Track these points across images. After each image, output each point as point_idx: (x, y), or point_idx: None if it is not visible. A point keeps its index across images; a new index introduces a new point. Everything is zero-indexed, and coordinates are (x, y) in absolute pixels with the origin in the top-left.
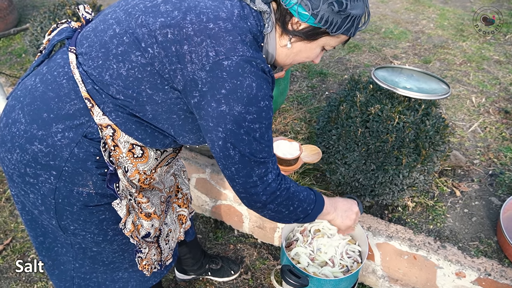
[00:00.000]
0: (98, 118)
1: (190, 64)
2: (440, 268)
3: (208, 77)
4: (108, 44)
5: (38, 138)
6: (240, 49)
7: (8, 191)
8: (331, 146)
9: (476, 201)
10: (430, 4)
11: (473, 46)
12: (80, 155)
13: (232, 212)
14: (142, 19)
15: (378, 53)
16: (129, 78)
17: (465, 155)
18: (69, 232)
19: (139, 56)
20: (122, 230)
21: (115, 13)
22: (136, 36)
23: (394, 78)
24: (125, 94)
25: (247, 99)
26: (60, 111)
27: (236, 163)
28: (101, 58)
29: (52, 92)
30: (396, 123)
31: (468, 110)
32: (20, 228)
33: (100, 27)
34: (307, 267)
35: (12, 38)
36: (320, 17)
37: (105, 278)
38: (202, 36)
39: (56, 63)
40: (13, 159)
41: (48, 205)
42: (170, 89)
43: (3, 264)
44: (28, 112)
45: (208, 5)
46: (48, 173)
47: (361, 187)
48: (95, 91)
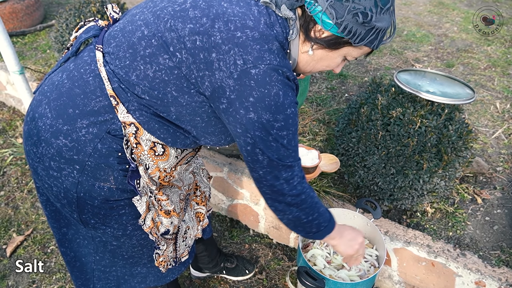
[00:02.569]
0: (122, 116)
1: (218, 72)
2: (459, 277)
3: (236, 85)
4: (136, 45)
5: (63, 132)
6: (267, 58)
7: (29, 183)
8: (351, 148)
9: (498, 209)
10: (454, 7)
11: (498, 51)
12: (103, 151)
13: (248, 211)
14: (171, 23)
15: (399, 56)
16: (155, 79)
17: (488, 162)
18: (89, 226)
19: (167, 59)
20: (142, 226)
21: (143, 15)
22: (164, 40)
23: (417, 82)
24: (150, 94)
25: (274, 107)
26: (86, 107)
27: (264, 167)
28: (129, 58)
29: (79, 88)
30: (418, 127)
31: (492, 116)
32: (41, 220)
33: (128, 27)
34: (323, 270)
35: (37, 34)
36: (343, 26)
37: (124, 272)
38: (230, 45)
39: (83, 60)
40: (39, 152)
41: (70, 198)
42: (196, 93)
43: (24, 255)
44: (54, 107)
45: (236, 12)
46: (71, 167)
47: (379, 191)
48: (120, 89)
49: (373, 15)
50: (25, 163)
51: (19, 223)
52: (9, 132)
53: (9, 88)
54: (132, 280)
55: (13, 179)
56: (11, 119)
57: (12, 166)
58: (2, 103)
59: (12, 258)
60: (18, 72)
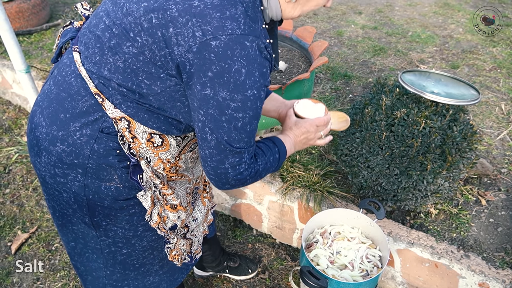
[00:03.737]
0: (110, 112)
1: (176, 47)
2: (463, 278)
3: (195, 59)
4: (101, 38)
5: (59, 138)
6: (229, 27)
7: (35, 181)
8: (354, 149)
9: (503, 211)
10: (460, 8)
11: (504, 52)
12: (100, 151)
13: (252, 211)
14: (126, 7)
15: (404, 57)
16: (126, 70)
17: (493, 164)
18: (101, 229)
19: (130, 47)
20: (149, 222)
21: (104, 5)
22: (124, 26)
23: (421, 82)
24: (126, 87)
25: (233, 85)
26: (74, 110)
27: (211, 147)
28: (98, 53)
29: (64, 92)
30: (422, 128)
31: (496, 117)
32: (46, 218)
33: (93, 22)
34: (326, 270)
35: (43, 34)
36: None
37: (136, 285)
38: (187, 16)
39: (63, 63)
40: (42, 162)
41: (81, 202)
42: (167, 76)
43: (29, 252)
44: (47, 115)
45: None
46: (75, 172)
47: (383, 192)
48: (101, 85)
49: None
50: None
51: (24, 221)
52: (14, 131)
53: (15, 86)
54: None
55: (18, 177)
56: (17, 117)
57: (18, 164)
58: (8, 102)
59: (17, 255)
60: (24, 71)
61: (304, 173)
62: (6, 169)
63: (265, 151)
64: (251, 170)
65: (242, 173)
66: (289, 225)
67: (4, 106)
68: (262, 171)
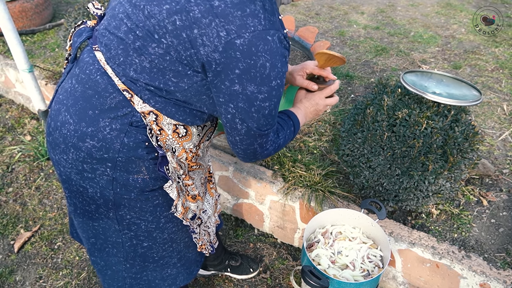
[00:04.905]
0: (139, 107)
1: (202, 48)
2: (464, 278)
3: (221, 58)
4: (125, 40)
5: (89, 134)
6: (251, 24)
7: (37, 180)
8: (356, 149)
9: (504, 212)
10: (462, 8)
11: (506, 53)
12: (130, 144)
13: (253, 211)
14: (148, 10)
15: (406, 57)
16: (152, 69)
17: (494, 164)
18: (124, 223)
19: (156, 48)
20: (174, 213)
21: (122, 6)
22: (147, 29)
23: (423, 83)
24: (153, 85)
25: (260, 79)
26: (103, 106)
27: (242, 134)
28: (122, 55)
29: (90, 89)
30: (424, 129)
31: (498, 118)
32: (48, 217)
33: (112, 23)
34: (328, 269)
35: (46, 33)
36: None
37: (155, 276)
38: (210, 17)
39: (85, 62)
40: (69, 158)
41: (107, 196)
42: (193, 73)
43: (32, 250)
44: (74, 112)
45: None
46: (104, 166)
47: (385, 192)
48: (129, 82)
49: None
50: (33, 160)
51: (27, 219)
52: (17, 130)
53: (18, 86)
54: (163, 283)
55: (21, 176)
56: (20, 116)
57: (21, 163)
58: (11, 101)
59: (20, 253)
60: (27, 70)
61: (306, 173)
62: (9, 168)
63: (283, 125)
64: (275, 145)
65: (268, 149)
66: (290, 225)
67: (7, 105)
68: (283, 143)
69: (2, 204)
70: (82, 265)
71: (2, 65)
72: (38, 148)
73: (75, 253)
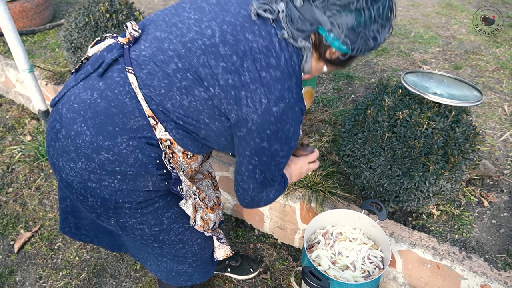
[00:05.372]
0: (160, 134)
1: (245, 107)
2: (465, 279)
3: (258, 119)
4: (172, 77)
5: (105, 148)
6: (286, 97)
7: (37, 180)
8: (357, 149)
9: (505, 212)
10: (463, 9)
11: (507, 53)
12: (143, 160)
13: (254, 211)
14: (203, 59)
15: (406, 57)
16: (190, 108)
17: (495, 165)
18: (128, 229)
19: (202, 92)
20: (194, 226)
21: (172, 44)
22: (199, 74)
23: (424, 83)
24: (184, 120)
25: (284, 140)
26: (125, 126)
27: (257, 183)
28: (164, 88)
29: (116, 108)
30: (425, 129)
31: (499, 118)
32: (48, 217)
33: (159, 56)
34: (328, 270)
35: (47, 33)
36: (356, 49)
37: (172, 267)
38: (257, 84)
39: (114, 81)
40: (77, 167)
41: (108, 205)
42: (226, 119)
43: (32, 251)
44: (92, 125)
45: (260, 47)
46: (112, 178)
47: (385, 193)
48: (158, 111)
49: (379, 35)
50: (34, 160)
51: (27, 220)
52: (17, 130)
53: (18, 86)
54: (178, 278)
55: (21, 176)
56: (20, 116)
57: (21, 163)
58: (12, 101)
59: (20, 254)
60: (27, 70)
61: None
62: (9, 168)
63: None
64: (274, 195)
65: (270, 197)
66: (291, 226)
67: (8, 105)
68: (277, 195)
69: (2, 204)
70: (82, 265)
71: (2, 65)
72: (38, 148)
73: (75, 254)
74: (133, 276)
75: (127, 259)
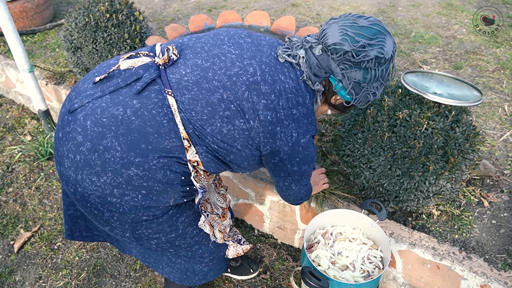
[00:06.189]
0: (191, 156)
1: (279, 141)
2: (465, 280)
3: (289, 150)
4: (216, 106)
5: (135, 164)
6: (311, 130)
7: (37, 180)
8: (356, 149)
9: (505, 213)
10: (463, 9)
11: (507, 53)
12: (171, 176)
13: (253, 211)
14: (247, 95)
15: (407, 57)
16: (227, 135)
17: (495, 165)
18: (143, 240)
19: (242, 123)
20: (215, 240)
21: (216, 75)
22: (242, 108)
23: (424, 83)
24: (219, 145)
25: (309, 161)
26: (159, 145)
27: (293, 190)
28: (207, 114)
29: (151, 128)
30: (425, 129)
31: (500, 118)
32: (48, 217)
33: (204, 85)
34: (328, 270)
35: (47, 33)
36: (357, 100)
37: (187, 267)
38: (289, 120)
39: (152, 101)
40: (100, 181)
41: (125, 219)
42: (256, 149)
43: (31, 251)
44: (124, 141)
45: (291, 88)
46: (136, 193)
47: (385, 193)
48: (195, 135)
49: (377, 91)
50: (34, 160)
51: (27, 220)
52: (18, 130)
53: (18, 86)
54: (194, 277)
55: (21, 176)
56: (20, 116)
57: (21, 163)
58: (12, 101)
59: (20, 254)
60: (27, 70)
61: None
62: (9, 168)
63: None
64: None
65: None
66: (290, 226)
67: (8, 105)
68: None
69: (2, 204)
70: (82, 265)
71: (2, 65)
72: (38, 148)
73: (75, 254)
74: (132, 276)
75: (127, 259)
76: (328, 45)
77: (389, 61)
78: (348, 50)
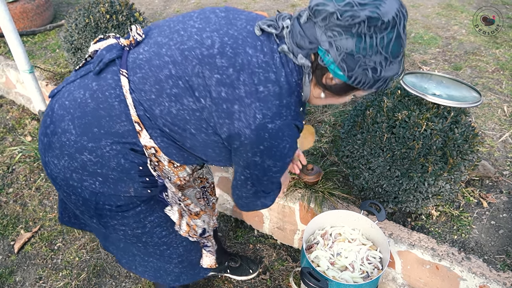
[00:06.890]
0: (144, 141)
1: (237, 122)
2: (464, 280)
3: (251, 134)
4: (163, 83)
5: (88, 149)
6: (284, 114)
7: (38, 181)
8: (356, 150)
9: (504, 213)
10: (463, 10)
11: (507, 54)
12: (126, 165)
13: (253, 212)
14: (198, 69)
15: (406, 58)
16: (177, 116)
17: (494, 166)
18: (110, 229)
19: (191, 102)
20: (178, 231)
21: (170, 50)
22: (191, 84)
23: (423, 84)
24: (170, 128)
25: (278, 156)
26: (110, 129)
27: (249, 194)
28: (154, 93)
29: (103, 111)
30: (424, 130)
31: (499, 119)
32: (48, 217)
33: (155, 61)
34: (327, 271)
35: (47, 34)
36: (354, 78)
37: (159, 266)
38: (252, 99)
39: (107, 83)
40: (60, 164)
41: (89, 205)
42: (213, 133)
43: (32, 251)
44: (78, 124)
45: (260, 62)
46: (93, 179)
47: (384, 193)
48: (145, 117)
49: (382, 69)
50: (34, 161)
51: (27, 220)
52: (18, 130)
53: (18, 86)
54: (166, 277)
55: (22, 176)
56: (20, 117)
57: (21, 163)
58: (12, 102)
59: (20, 254)
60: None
61: None
62: (10, 169)
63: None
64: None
65: (266, 204)
66: (290, 226)
67: (8, 106)
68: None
69: (2, 204)
70: (82, 266)
71: (3, 66)
72: (38, 149)
73: (75, 254)
74: (132, 277)
75: None
76: (311, 7)
77: (391, 27)
78: (333, 11)
